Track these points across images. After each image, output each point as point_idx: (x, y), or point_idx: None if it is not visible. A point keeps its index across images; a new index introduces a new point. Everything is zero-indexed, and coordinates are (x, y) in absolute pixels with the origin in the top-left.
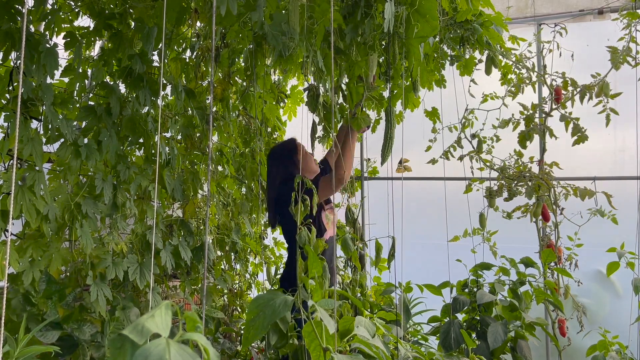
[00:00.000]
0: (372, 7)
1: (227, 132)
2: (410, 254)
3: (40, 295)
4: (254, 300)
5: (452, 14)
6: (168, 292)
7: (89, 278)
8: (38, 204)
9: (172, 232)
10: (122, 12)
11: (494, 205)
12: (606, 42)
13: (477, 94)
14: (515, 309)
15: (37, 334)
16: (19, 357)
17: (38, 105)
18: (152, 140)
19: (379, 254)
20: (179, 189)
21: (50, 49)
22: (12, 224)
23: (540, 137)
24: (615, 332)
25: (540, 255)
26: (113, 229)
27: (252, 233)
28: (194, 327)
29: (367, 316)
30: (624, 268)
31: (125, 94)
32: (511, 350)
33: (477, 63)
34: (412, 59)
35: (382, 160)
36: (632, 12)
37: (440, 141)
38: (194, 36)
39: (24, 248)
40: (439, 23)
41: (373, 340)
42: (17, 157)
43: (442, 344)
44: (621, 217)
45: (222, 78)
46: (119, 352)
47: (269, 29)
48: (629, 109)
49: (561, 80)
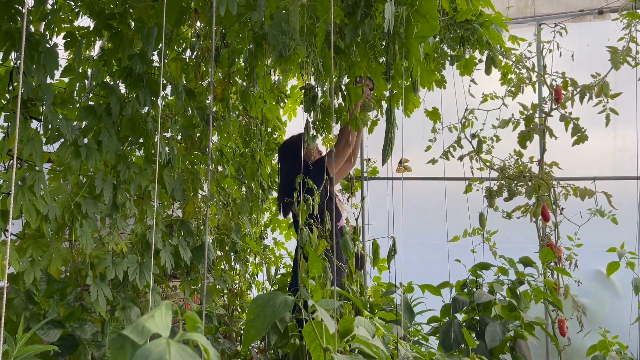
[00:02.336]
0: (372, 7)
1: (227, 132)
2: (410, 254)
3: (42, 294)
4: (254, 300)
5: (452, 14)
6: (168, 292)
7: (89, 278)
8: (38, 204)
9: (172, 232)
10: (122, 12)
11: (494, 205)
12: (606, 42)
13: (477, 94)
14: (514, 309)
15: (39, 331)
16: (17, 357)
17: (38, 105)
18: (152, 140)
19: (376, 254)
20: (179, 189)
21: (50, 49)
22: (12, 224)
23: (540, 137)
24: (615, 332)
25: (539, 254)
26: (113, 229)
27: (252, 233)
28: (194, 327)
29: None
30: (624, 268)
31: (125, 94)
32: (510, 350)
33: (477, 63)
34: (412, 59)
35: (382, 160)
36: (632, 12)
37: (440, 141)
38: (194, 36)
39: (24, 248)
40: (439, 23)
41: (373, 340)
42: (17, 157)
43: (442, 344)
44: (621, 217)
45: (222, 78)
46: (119, 352)
47: (269, 29)
48: (629, 109)
49: (561, 80)
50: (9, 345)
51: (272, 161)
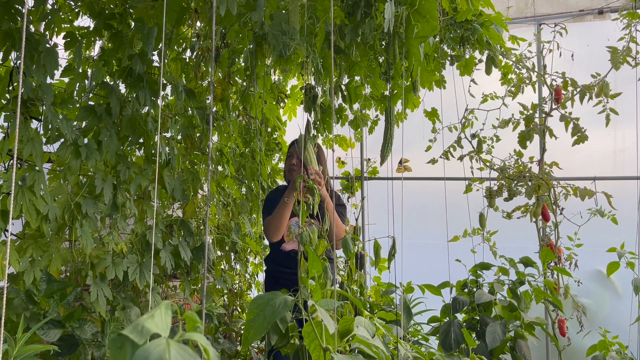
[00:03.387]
0: (372, 7)
1: (227, 132)
2: (410, 254)
3: (42, 294)
4: (254, 300)
5: (452, 14)
6: (168, 292)
7: (89, 278)
8: (38, 204)
9: (172, 232)
10: (122, 12)
11: (494, 205)
12: (606, 42)
13: (477, 94)
14: (514, 309)
15: (39, 331)
16: (17, 356)
17: (38, 105)
18: (152, 140)
19: (377, 254)
20: (179, 189)
21: (50, 49)
22: (12, 224)
23: (540, 137)
24: (615, 332)
25: (540, 254)
26: (113, 229)
27: (252, 233)
28: (194, 327)
29: (367, 316)
30: (624, 268)
31: (125, 94)
32: (511, 350)
33: (477, 63)
34: (412, 59)
35: (381, 160)
36: (632, 12)
37: (440, 141)
38: (194, 36)
39: (24, 248)
40: (439, 23)
41: (373, 340)
42: (17, 157)
43: (442, 344)
44: (621, 217)
45: (222, 78)
46: (119, 352)
47: (269, 29)
48: (629, 109)
49: (561, 80)
50: (9, 345)
51: (272, 161)
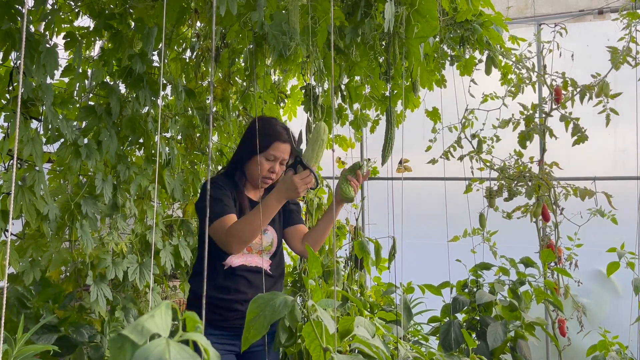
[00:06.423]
0: (372, 7)
1: (227, 132)
2: (410, 254)
3: (36, 298)
4: (254, 300)
5: (452, 14)
6: (168, 292)
7: (89, 278)
8: (38, 204)
9: (172, 232)
10: (122, 12)
11: (494, 205)
12: (606, 42)
13: (477, 94)
14: (515, 309)
15: (33, 336)
16: (17, 356)
17: (38, 105)
18: (152, 140)
19: (378, 254)
20: (179, 189)
21: (50, 49)
22: (12, 224)
23: (540, 137)
24: (615, 332)
25: (540, 255)
26: (113, 229)
27: None
28: (194, 327)
29: (367, 316)
30: (624, 268)
31: (125, 94)
32: (511, 350)
33: (477, 63)
34: (412, 59)
35: (382, 160)
36: (632, 12)
37: (440, 141)
38: (194, 36)
39: (24, 248)
40: (439, 23)
41: (373, 340)
42: (17, 157)
43: (442, 344)
44: (621, 217)
45: (222, 78)
46: (119, 352)
47: (269, 29)
48: (629, 109)
49: (561, 80)
50: (8, 345)
51: None
